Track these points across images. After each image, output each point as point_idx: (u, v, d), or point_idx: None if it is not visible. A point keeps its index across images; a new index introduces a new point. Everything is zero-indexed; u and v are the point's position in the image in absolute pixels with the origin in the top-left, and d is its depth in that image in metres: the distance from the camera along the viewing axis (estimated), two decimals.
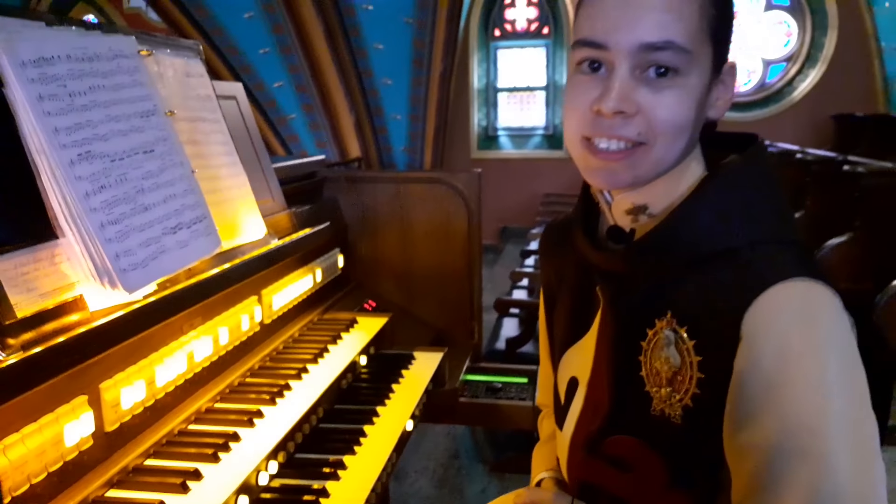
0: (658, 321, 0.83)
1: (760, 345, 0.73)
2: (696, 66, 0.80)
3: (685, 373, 0.80)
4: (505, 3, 8.17)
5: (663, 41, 0.78)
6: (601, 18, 0.80)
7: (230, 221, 1.44)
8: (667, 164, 0.84)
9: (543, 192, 7.37)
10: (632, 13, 0.78)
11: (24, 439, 0.92)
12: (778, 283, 0.74)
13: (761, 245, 0.80)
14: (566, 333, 1.02)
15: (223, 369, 1.40)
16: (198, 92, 1.46)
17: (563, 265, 1.05)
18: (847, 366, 0.73)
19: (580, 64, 0.84)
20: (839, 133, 7.13)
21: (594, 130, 0.82)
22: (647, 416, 0.84)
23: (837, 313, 0.75)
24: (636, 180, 0.84)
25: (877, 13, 7.06)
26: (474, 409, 1.88)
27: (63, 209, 1.02)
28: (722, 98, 0.87)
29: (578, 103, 0.83)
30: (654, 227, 0.85)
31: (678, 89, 0.80)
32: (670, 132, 0.80)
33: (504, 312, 3.55)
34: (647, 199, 0.87)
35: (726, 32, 0.84)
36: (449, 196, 2.16)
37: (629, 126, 0.80)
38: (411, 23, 5.47)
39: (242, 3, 5.30)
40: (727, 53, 0.86)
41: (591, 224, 0.98)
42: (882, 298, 3.07)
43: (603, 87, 0.81)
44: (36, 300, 0.97)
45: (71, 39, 1.12)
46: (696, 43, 0.79)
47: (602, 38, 0.80)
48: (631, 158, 0.82)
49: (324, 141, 6.30)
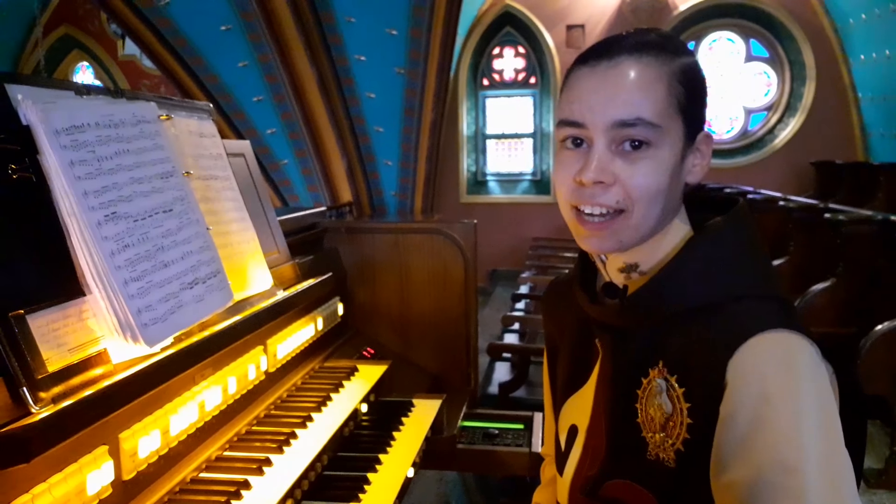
0: (651, 370, 0.90)
1: (743, 390, 0.80)
2: (667, 138, 0.89)
3: (676, 419, 0.86)
4: (493, 54, 8.44)
5: (634, 118, 0.87)
6: (579, 101, 0.90)
7: (240, 274, 1.50)
8: (648, 228, 0.92)
9: (532, 236, 7.49)
10: (605, 95, 0.88)
11: (50, 489, 0.96)
12: (759, 334, 0.81)
13: (743, 299, 0.87)
14: (566, 383, 1.09)
15: (231, 417, 1.45)
16: (210, 151, 1.54)
17: (565, 319, 1.12)
18: (823, 410, 0.79)
19: (564, 141, 0.93)
20: (820, 179, 7.34)
21: (579, 199, 0.91)
22: (644, 460, 0.90)
23: (814, 362, 0.81)
24: (621, 245, 0.92)
25: (853, 65, 7.33)
26: (472, 455, 1.92)
27: (90, 267, 1.08)
28: (699, 164, 0.95)
29: (565, 176, 0.92)
30: (645, 283, 0.93)
31: (651, 160, 0.88)
32: (646, 198, 0.89)
33: (497, 357, 3.60)
34: (637, 258, 0.95)
35: (696, 106, 0.92)
36: (446, 246, 2.23)
37: (608, 194, 0.89)
38: (403, 73, 5.62)
39: (237, 53, 5.42)
40: (700, 124, 0.94)
41: (589, 280, 1.06)
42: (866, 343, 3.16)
43: (584, 160, 0.90)
44: (65, 355, 1.02)
45: (99, 107, 1.19)
46: (665, 118, 0.88)
47: (580, 118, 0.90)
48: (613, 227, 0.90)
49: (315, 185, 6.39)
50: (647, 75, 0.88)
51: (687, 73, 0.90)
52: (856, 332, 3.30)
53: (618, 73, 0.88)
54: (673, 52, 0.90)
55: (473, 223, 2.27)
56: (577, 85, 0.91)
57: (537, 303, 4.57)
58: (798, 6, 7.52)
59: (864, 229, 3.68)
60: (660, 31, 0.94)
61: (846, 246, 3.73)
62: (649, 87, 0.87)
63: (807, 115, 7.70)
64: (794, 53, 7.74)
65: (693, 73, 0.91)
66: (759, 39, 7.98)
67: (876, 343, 3.10)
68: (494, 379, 3.33)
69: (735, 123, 8.21)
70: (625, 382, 0.94)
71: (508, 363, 3.55)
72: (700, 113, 0.93)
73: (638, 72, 0.88)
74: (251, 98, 5.77)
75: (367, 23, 5.32)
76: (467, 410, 2.12)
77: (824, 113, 7.58)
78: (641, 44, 0.89)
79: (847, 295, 3.69)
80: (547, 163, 8.35)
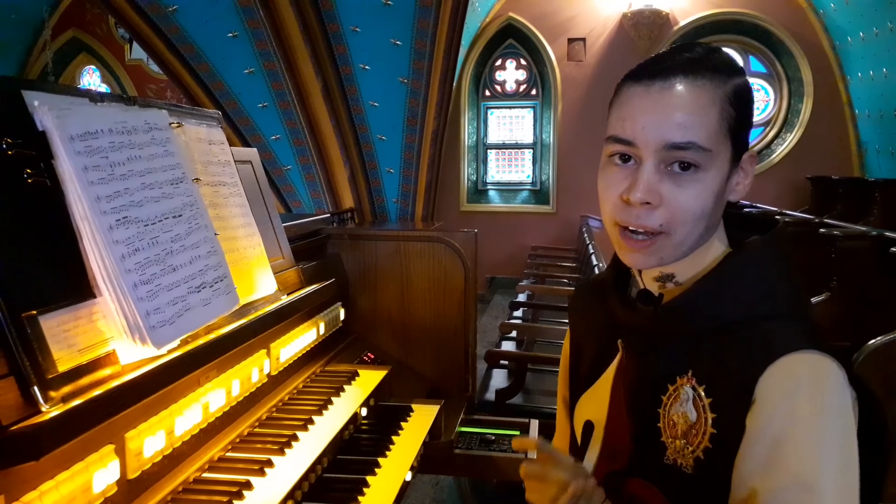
0: (679, 378, 0.93)
1: (772, 407, 0.82)
2: (716, 161, 0.89)
3: (700, 427, 0.89)
4: (495, 66, 8.51)
5: (686, 142, 0.87)
6: (632, 119, 0.90)
7: (245, 278, 1.53)
8: (688, 247, 0.93)
9: (531, 245, 7.53)
10: (658, 116, 0.88)
11: (58, 486, 0.98)
12: (791, 354, 0.84)
13: (776, 319, 0.89)
14: (585, 380, 1.11)
15: (234, 419, 1.47)
16: (219, 158, 1.57)
17: (593, 320, 1.13)
18: (844, 433, 0.82)
19: (612, 156, 0.94)
20: (816, 194, 7.37)
21: (625, 218, 0.92)
22: (661, 464, 0.93)
23: (841, 385, 0.84)
24: (661, 262, 0.94)
25: (851, 82, 7.39)
26: (468, 460, 1.94)
27: (101, 270, 1.11)
28: (742, 183, 0.96)
29: (611, 192, 0.93)
30: (681, 294, 0.94)
31: (699, 183, 0.89)
32: (690, 220, 0.90)
33: (494, 364, 3.62)
34: (674, 269, 0.96)
35: (745, 128, 0.92)
36: (447, 255, 2.27)
37: (653, 216, 0.89)
38: (406, 83, 5.68)
39: (243, 60, 5.47)
40: (747, 145, 0.94)
41: (621, 285, 1.08)
42: (859, 357, 3.18)
43: (632, 178, 0.90)
44: (75, 355, 1.05)
45: (112, 114, 1.23)
46: (715, 142, 0.88)
47: (632, 137, 0.90)
48: (655, 246, 0.91)
49: (318, 191, 6.43)
50: (702, 99, 0.88)
51: (739, 95, 0.90)
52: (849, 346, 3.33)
53: (672, 94, 0.88)
54: (726, 73, 0.90)
55: (474, 232, 2.31)
56: (629, 102, 0.91)
57: (535, 311, 4.60)
58: (797, 24, 7.59)
59: (858, 244, 3.71)
60: (714, 49, 0.94)
61: (840, 261, 3.76)
62: (703, 110, 0.87)
63: (804, 130, 7.75)
64: (792, 70, 7.80)
65: (744, 95, 0.91)
66: (758, 56, 8.04)
67: (868, 357, 3.12)
68: (491, 386, 3.35)
69: None
70: (651, 387, 0.96)
71: (505, 370, 3.57)
72: (747, 133, 0.94)
73: (692, 94, 0.88)
74: (256, 104, 5.82)
75: (372, 33, 5.38)
76: (465, 416, 2.15)
77: (821, 129, 7.64)
78: (696, 63, 0.89)
79: (841, 309, 3.72)
80: (546, 173, 8.39)
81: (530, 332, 4.05)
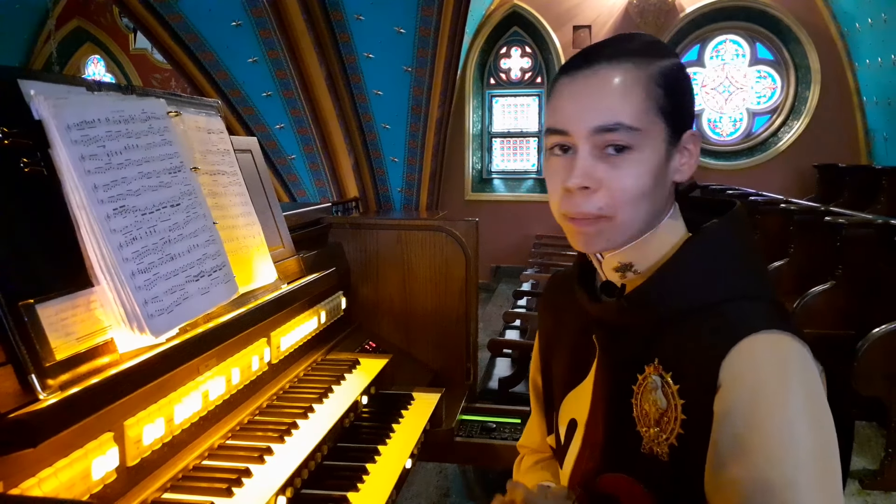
0: (647, 367, 0.93)
1: (737, 390, 0.83)
2: (649, 140, 0.91)
3: (671, 414, 0.89)
4: (500, 54, 8.46)
5: (613, 123, 0.89)
6: (561, 109, 0.93)
7: (245, 267, 1.53)
8: (636, 228, 0.94)
9: (535, 234, 7.51)
10: (585, 102, 0.91)
11: (56, 473, 0.99)
12: (752, 335, 0.84)
13: (737, 301, 0.90)
14: (566, 378, 1.12)
15: (234, 407, 1.48)
16: (218, 147, 1.57)
17: (564, 315, 1.15)
18: (814, 408, 0.82)
19: (552, 148, 0.96)
20: (822, 182, 7.34)
21: (567, 207, 0.94)
22: (638, 454, 0.93)
23: (805, 362, 0.84)
24: (609, 244, 0.95)
25: (858, 69, 7.32)
26: (469, 448, 1.95)
27: (99, 259, 1.12)
28: (686, 163, 0.97)
29: (554, 183, 0.96)
30: (641, 283, 0.95)
31: (634, 163, 0.90)
32: (630, 201, 0.91)
33: (497, 352, 3.63)
34: (631, 258, 0.97)
35: (678, 107, 0.93)
36: (448, 244, 2.27)
37: (592, 201, 0.91)
38: (410, 71, 5.66)
39: (247, 49, 5.47)
40: (686, 124, 0.95)
41: (588, 279, 1.09)
42: (863, 345, 3.18)
43: (570, 166, 0.93)
44: (73, 343, 1.05)
45: (109, 103, 1.23)
46: (644, 121, 0.90)
47: (564, 126, 0.93)
48: (598, 226, 0.93)
49: (323, 181, 6.44)
50: (624, 80, 0.90)
51: (666, 75, 0.92)
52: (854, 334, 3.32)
53: (596, 80, 0.91)
54: (650, 55, 0.92)
55: (475, 221, 2.30)
56: (559, 94, 0.94)
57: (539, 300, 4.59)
58: (805, 10, 7.52)
59: (863, 232, 3.70)
60: (642, 36, 0.96)
61: (846, 249, 3.75)
62: (626, 91, 0.90)
63: (811, 118, 7.70)
64: (799, 57, 7.74)
65: (673, 74, 0.93)
66: (765, 42, 7.97)
67: (873, 345, 3.11)
68: (495, 374, 3.36)
69: (739, 125, 8.22)
70: (621, 378, 0.97)
71: (509, 359, 3.58)
72: (684, 113, 0.95)
73: (615, 78, 0.90)
74: (261, 93, 5.82)
75: (376, 21, 5.36)
76: (466, 404, 2.15)
77: (828, 116, 7.58)
78: (619, 51, 0.92)
79: (846, 297, 3.71)
80: None
81: (534, 321, 4.05)
